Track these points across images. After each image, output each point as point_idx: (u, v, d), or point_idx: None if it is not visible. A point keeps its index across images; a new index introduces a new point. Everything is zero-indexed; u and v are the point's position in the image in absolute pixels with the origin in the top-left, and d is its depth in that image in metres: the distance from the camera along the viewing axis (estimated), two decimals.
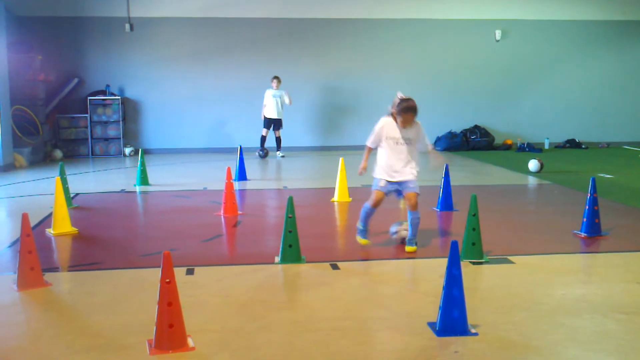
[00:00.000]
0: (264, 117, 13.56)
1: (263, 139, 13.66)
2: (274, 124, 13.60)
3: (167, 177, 10.59)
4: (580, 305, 4.16)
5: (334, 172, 8.61)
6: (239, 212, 7.35)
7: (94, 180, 10.72)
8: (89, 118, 14.15)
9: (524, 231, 6.49)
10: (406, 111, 5.31)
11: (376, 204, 5.57)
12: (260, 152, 13.59)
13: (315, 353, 3.42)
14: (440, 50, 15.45)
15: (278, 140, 13.77)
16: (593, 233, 6.03)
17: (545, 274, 4.87)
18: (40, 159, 13.16)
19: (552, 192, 9.08)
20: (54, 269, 5.15)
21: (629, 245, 5.90)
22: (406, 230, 5.69)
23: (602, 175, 10.25)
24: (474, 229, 5.19)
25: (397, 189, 5.52)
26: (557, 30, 15.73)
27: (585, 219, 6.05)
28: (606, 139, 16.12)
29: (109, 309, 4.15)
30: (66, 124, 14.18)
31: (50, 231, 6.31)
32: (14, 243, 5.90)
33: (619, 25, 15.89)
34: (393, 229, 5.90)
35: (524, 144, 14.97)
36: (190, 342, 3.49)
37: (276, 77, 13.60)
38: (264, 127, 13.61)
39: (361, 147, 6.13)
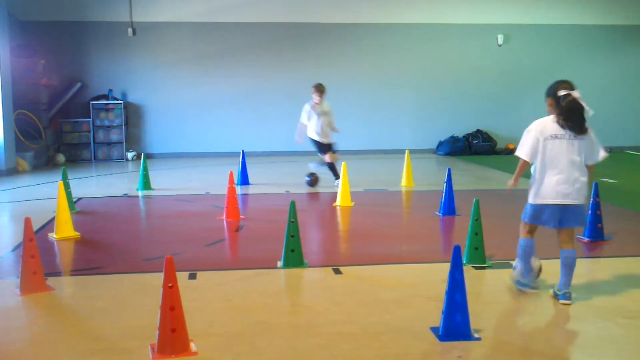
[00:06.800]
0: (311, 139, 9.74)
1: (328, 165, 9.71)
2: (324, 147, 9.66)
3: (169, 182, 10.60)
4: (583, 310, 4.15)
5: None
6: (242, 217, 7.36)
7: (97, 184, 10.73)
8: (91, 122, 14.18)
9: None
10: None
11: None
12: (308, 178, 9.81)
13: (317, 357, 3.42)
14: (443, 55, 15.46)
15: (331, 166, 9.76)
16: (596, 238, 6.02)
17: (548, 279, 4.86)
18: (43, 163, 13.18)
19: None
20: (56, 273, 5.15)
21: (632, 249, 5.88)
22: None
23: (604, 179, 10.24)
24: (476, 234, 5.18)
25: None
26: (559, 35, 15.75)
27: (587, 224, 6.04)
28: (608, 144, 16.05)
29: (112, 313, 4.15)
30: (69, 128, 14.22)
31: (52, 235, 6.31)
32: (16, 247, 5.91)
33: (622, 29, 15.90)
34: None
35: None
36: (192, 346, 3.49)
37: (317, 87, 9.62)
38: (321, 151, 9.76)
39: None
